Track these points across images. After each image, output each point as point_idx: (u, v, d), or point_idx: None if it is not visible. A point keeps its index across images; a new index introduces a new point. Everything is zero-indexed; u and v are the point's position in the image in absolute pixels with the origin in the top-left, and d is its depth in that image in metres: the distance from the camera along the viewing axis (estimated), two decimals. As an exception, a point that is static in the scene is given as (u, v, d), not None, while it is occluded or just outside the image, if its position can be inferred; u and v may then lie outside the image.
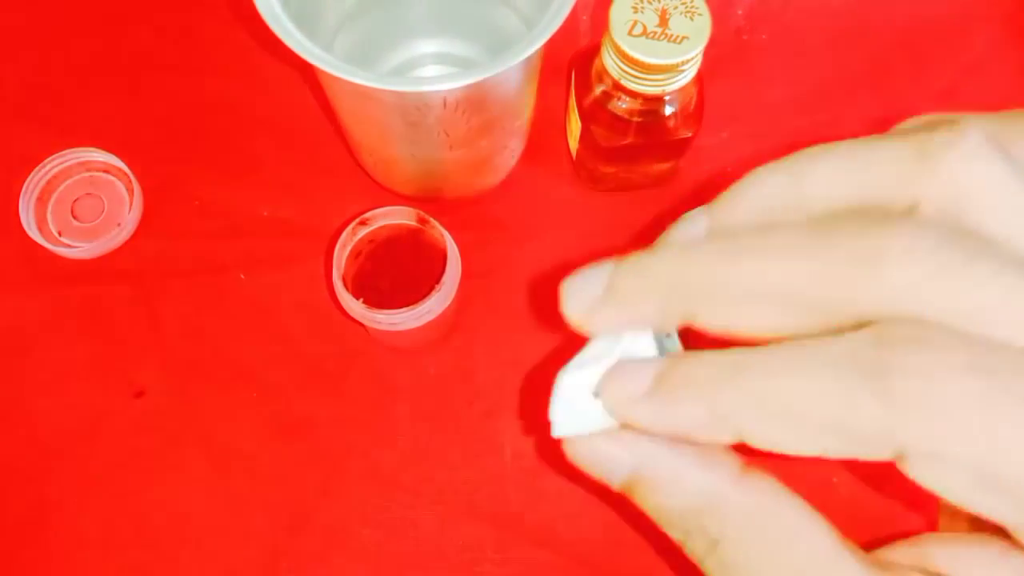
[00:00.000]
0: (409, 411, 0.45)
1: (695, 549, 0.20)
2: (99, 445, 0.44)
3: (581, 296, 0.21)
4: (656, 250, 0.20)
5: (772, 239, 0.18)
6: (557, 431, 0.22)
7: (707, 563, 0.19)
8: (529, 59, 0.35)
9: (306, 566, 0.42)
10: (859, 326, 0.17)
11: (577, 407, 0.22)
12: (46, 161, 0.48)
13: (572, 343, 0.49)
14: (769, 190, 0.20)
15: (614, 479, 0.21)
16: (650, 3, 0.38)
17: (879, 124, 0.55)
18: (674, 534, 0.20)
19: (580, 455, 0.22)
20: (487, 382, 0.46)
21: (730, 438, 0.18)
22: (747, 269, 0.18)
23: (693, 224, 0.21)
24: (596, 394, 0.21)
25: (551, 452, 0.44)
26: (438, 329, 0.45)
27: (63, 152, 0.49)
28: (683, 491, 0.20)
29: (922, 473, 0.16)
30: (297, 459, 0.44)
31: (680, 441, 0.19)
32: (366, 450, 0.44)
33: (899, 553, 0.20)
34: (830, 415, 0.17)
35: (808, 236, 0.18)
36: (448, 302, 0.40)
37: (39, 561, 0.43)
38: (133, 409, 0.45)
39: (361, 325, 0.41)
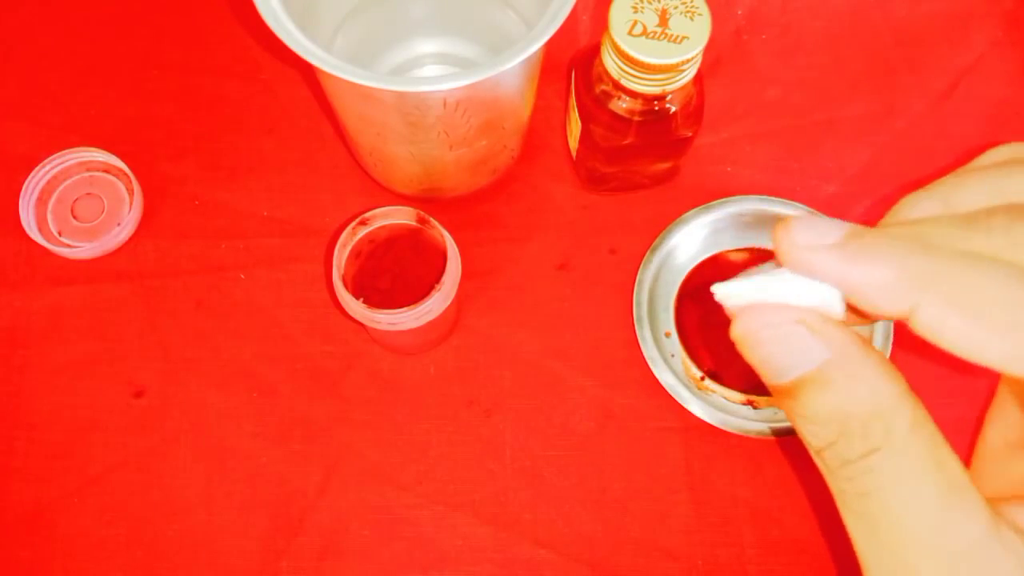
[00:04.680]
0: (409, 411, 0.45)
1: (846, 452, 0.19)
2: (99, 445, 0.44)
3: (811, 234, 0.20)
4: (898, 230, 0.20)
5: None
6: (725, 294, 0.21)
7: (853, 467, 0.19)
8: (529, 59, 0.35)
9: (306, 566, 0.42)
10: None
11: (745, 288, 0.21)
12: (46, 161, 0.49)
13: (573, 343, 0.50)
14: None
15: (789, 371, 0.20)
16: (650, 3, 0.38)
17: (879, 124, 0.55)
18: (823, 437, 0.20)
19: (763, 340, 0.20)
20: (487, 382, 0.46)
21: (901, 309, 0.18)
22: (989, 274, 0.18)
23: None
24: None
25: (551, 452, 0.44)
26: (438, 329, 0.45)
27: (63, 152, 0.49)
28: (862, 390, 0.19)
29: None
30: (297, 459, 0.44)
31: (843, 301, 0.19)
32: (366, 450, 0.44)
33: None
34: (1016, 320, 0.17)
35: None
36: (448, 302, 0.40)
37: (39, 561, 0.43)
38: (133, 409, 0.45)
39: (361, 325, 0.41)
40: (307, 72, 0.51)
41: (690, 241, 0.47)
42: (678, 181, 0.50)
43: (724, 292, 0.21)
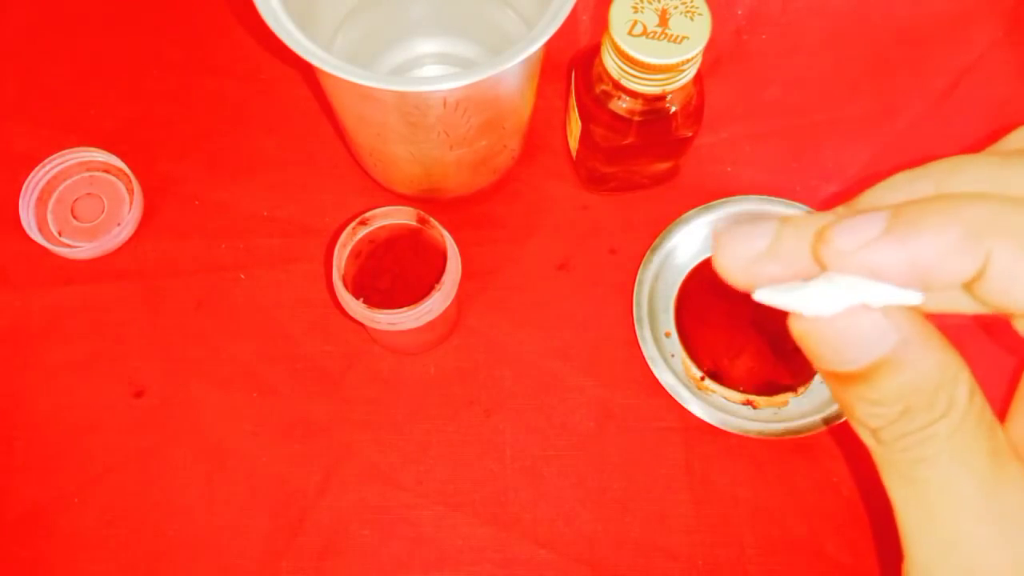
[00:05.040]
0: (409, 411, 0.45)
1: (907, 426, 0.19)
2: (99, 445, 0.44)
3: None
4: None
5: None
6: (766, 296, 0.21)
7: (912, 438, 0.19)
8: (529, 59, 0.35)
9: (306, 566, 0.42)
10: None
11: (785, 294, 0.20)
12: (46, 161, 0.49)
13: (573, 343, 0.50)
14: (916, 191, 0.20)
15: (861, 359, 0.19)
16: (650, 3, 0.38)
17: (879, 124, 0.55)
18: (885, 415, 0.19)
19: (831, 332, 0.20)
20: (487, 382, 0.46)
21: (973, 268, 0.17)
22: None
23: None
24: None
25: (551, 452, 0.44)
26: (438, 329, 0.45)
27: (63, 152, 0.49)
28: (930, 365, 0.19)
29: None
30: (297, 459, 0.44)
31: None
32: (366, 450, 0.44)
33: None
34: None
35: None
36: (448, 302, 0.40)
37: (39, 561, 0.43)
38: (133, 409, 0.45)
39: (361, 325, 0.41)
40: (307, 72, 0.51)
41: (690, 241, 0.47)
42: (678, 181, 0.50)
43: (803, 304, 0.20)
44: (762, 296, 0.20)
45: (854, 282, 0.19)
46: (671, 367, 0.44)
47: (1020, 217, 0.17)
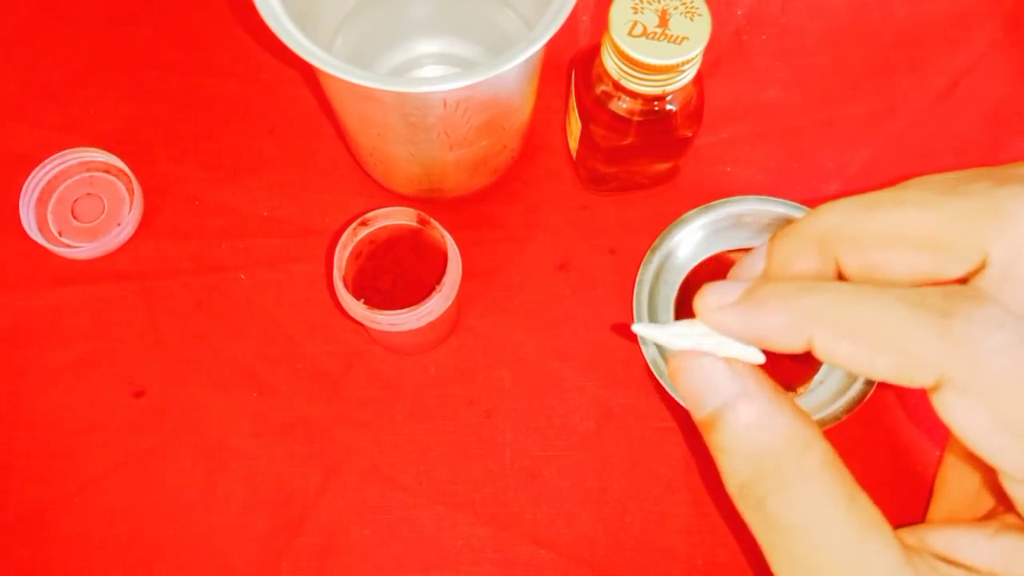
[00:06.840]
0: (409, 411, 0.45)
1: (761, 488, 0.21)
2: (99, 445, 0.44)
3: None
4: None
5: (908, 192, 0.21)
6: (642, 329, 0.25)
7: (768, 501, 0.21)
8: (529, 60, 0.35)
9: (306, 566, 0.42)
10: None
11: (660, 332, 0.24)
12: (46, 161, 0.49)
13: (573, 343, 0.50)
14: None
15: (708, 403, 0.23)
16: (650, 3, 0.38)
17: (879, 124, 0.55)
18: (740, 472, 0.22)
19: (686, 372, 0.23)
20: (487, 382, 0.46)
21: (800, 345, 0.21)
22: (889, 216, 0.21)
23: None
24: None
25: (551, 452, 0.44)
26: (438, 329, 0.45)
27: (63, 152, 0.49)
28: (774, 427, 0.22)
29: (949, 405, 0.19)
30: (297, 459, 0.44)
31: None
32: (366, 450, 0.44)
33: (903, 536, 0.22)
34: (892, 337, 0.20)
35: (940, 191, 0.21)
36: (448, 302, 0.40)
37: (39, 561, 0.43)
38: (133, 409, 0.45)
39: (361, 325, 0.41)
40: (307, 72, 0.51)
41: (690, 241, 0.47)
42: (678, 181, 0.50)
43: (659, 337, 0.24)
44: (635, 329, 0.25)
45: (707, 331, 0.23)
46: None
47: (839, 307, 0.20)
